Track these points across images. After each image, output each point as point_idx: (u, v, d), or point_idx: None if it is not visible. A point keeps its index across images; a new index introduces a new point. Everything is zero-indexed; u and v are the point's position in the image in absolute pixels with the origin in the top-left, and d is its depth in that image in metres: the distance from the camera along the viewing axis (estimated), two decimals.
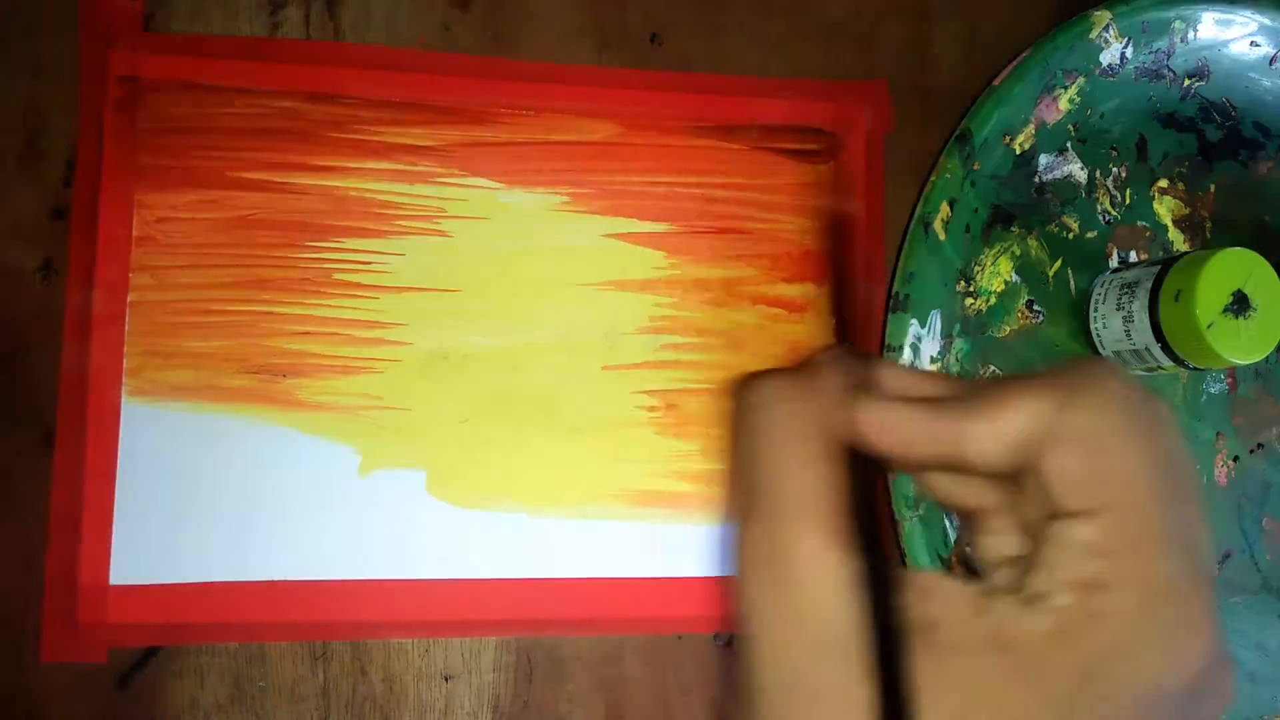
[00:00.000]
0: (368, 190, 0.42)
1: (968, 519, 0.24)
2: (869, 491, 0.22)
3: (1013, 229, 0.45)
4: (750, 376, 0.23)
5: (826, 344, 0.24)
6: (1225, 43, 0.47)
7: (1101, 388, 0.21)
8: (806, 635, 0.21)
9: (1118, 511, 0.20)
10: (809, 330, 0.45)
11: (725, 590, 0.22)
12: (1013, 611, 0.20)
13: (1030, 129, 0.45)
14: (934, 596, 0.21)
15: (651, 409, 0.43)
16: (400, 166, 0.42)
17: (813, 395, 0.22)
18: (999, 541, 0.23)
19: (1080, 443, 0.21)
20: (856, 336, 0.25)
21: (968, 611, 0.21)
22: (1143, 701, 0.20)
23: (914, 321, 0.43)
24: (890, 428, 0.22)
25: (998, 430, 0.21)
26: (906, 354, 0.43)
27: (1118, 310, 0.43)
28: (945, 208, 0.44)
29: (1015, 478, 0.22)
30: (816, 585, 0.21)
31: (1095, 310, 0.45)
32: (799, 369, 0.23)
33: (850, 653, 0.20)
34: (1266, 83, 0.48)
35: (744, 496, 0.22)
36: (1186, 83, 0.47)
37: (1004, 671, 0.20)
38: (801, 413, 0.22)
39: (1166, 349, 0.41)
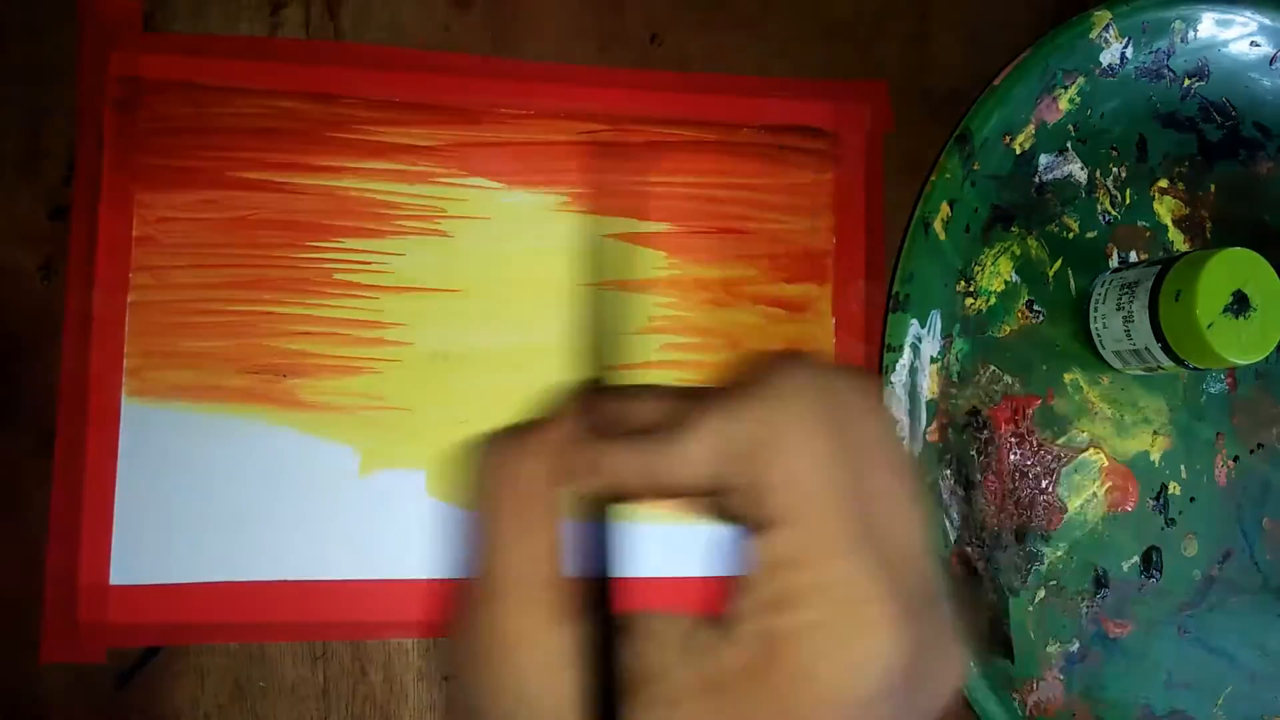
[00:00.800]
0: (368, 190, 0.42)
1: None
2: (602, 543, 0.21)
3: (1013, 229, 0.45)
4: (482, 440, 0.22)
5: (570, 384, 0.23)
6: (1225, 43, 0.47)
7: (781, 388, 0.20)
8: None
9: (806, 519, 0.19)
10: (809, 330, 0.45)
11: (453, 690, 0.21)
12: (712, 646, 0.19)
13: (1030, 129, 0.45)
14: (655, 641, 0.20)
15: None
16: (400, 166, 0.42)
17: (534, 453, 0.21)
18: None
19: (776, 454, 0.20)
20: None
21: (679, 653, 0.20)
22: (847, 711, 0.19)
23: (914, 321, 0.43)
24: (604, 472, 0.21)
25: (689, 456, 0.20)
26: (906, 354, 0.43)
27: (1118, 310, 0.43)
28: (945, 208, 0.44)
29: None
30: (537, 669, 0.20)
31: (1095, 310, 0.45)
32: (526, 425, 0.22)
33: None
34: (1266, 83, 0.48)
35: (467, 582, 0.21)
36: (1186, 83, 0.47)
37: (716, 717, 0.19)
38: (519, 476, 0.21)
39: (1166, 349, 0.41)
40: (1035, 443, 0.45)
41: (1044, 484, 0.45)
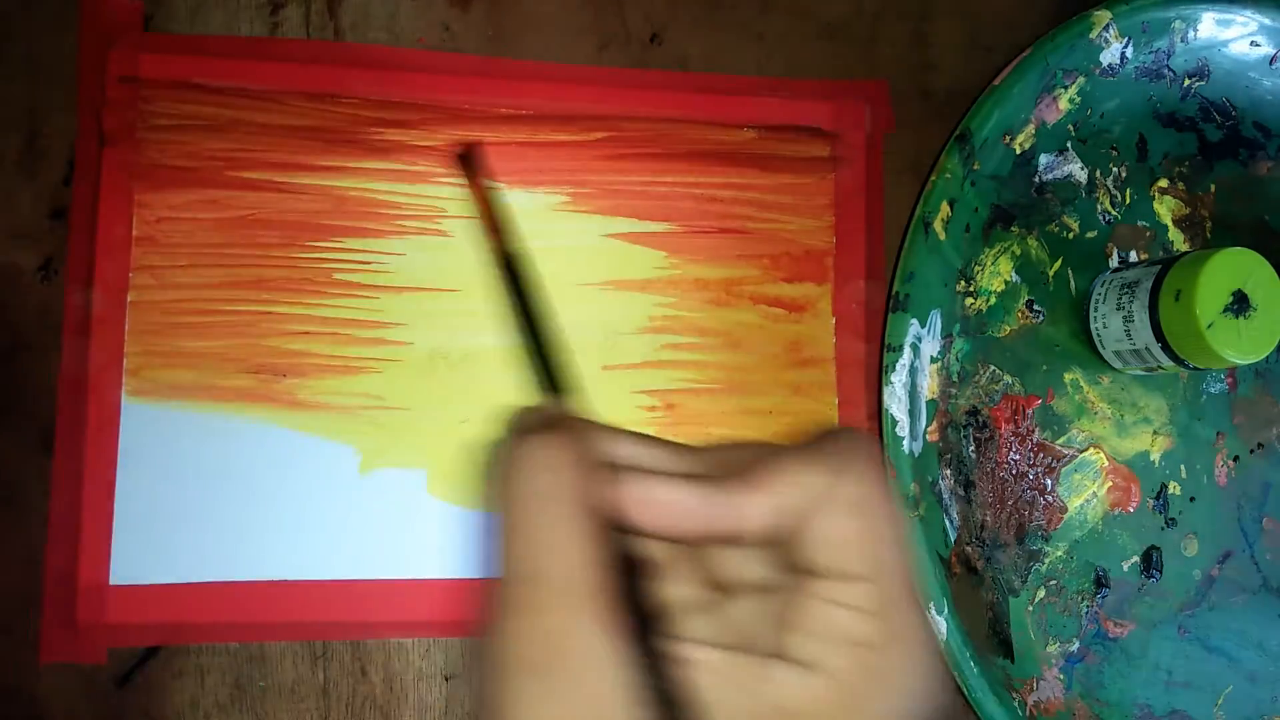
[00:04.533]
0: (368, 190, 0.42)
1: (648, 566, 0.23)
2: (632, 567, 0.21)
3: (1013, 229, 0.45)
4: (513, 440, 0.21)
5: (542, 403, 0.23)
6: (1225, 43, 0.47)
7: (864, 458, 0.22)
8: None
9: (884, 575, 0.21)
10: (809, 330, 0.45)
11: (485, 696, 0.20)
12: (790, 679, 0.21)
13: (1030, 129, 0.45)
14: (703, 672, 0.21)
15: (651, 409, 0.43)
16: (400, 166, 0.42)
17: (575, 465, 0.21)
18: (682, 589, 0.23)
19: (853, 510, 0.21)
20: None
21: (740, 685, 0.21)
22: None
23: (914, 321, 0.43)
24: (662, 508, 0.22)
25: (774, 503, 0.21)
26: (906, 354, 0.43)
27: (1118, 310, 0.43)
28: (945, 208, 0.44)
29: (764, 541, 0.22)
30: (596, 681, 0.19)
31: (1095, 310, 0.45)
32: (556, 431, 0.22)
33: None
34: (1266, 83, 0.48)
35: (507, 585, 0.20)
36: (1186, 83, 0.47)
37: None
38: (565, 485, 0.21)
39: (1166, 349, 0.41)
40: (1035, 443, 0.45)
41: (1044, 484, 0.45)
